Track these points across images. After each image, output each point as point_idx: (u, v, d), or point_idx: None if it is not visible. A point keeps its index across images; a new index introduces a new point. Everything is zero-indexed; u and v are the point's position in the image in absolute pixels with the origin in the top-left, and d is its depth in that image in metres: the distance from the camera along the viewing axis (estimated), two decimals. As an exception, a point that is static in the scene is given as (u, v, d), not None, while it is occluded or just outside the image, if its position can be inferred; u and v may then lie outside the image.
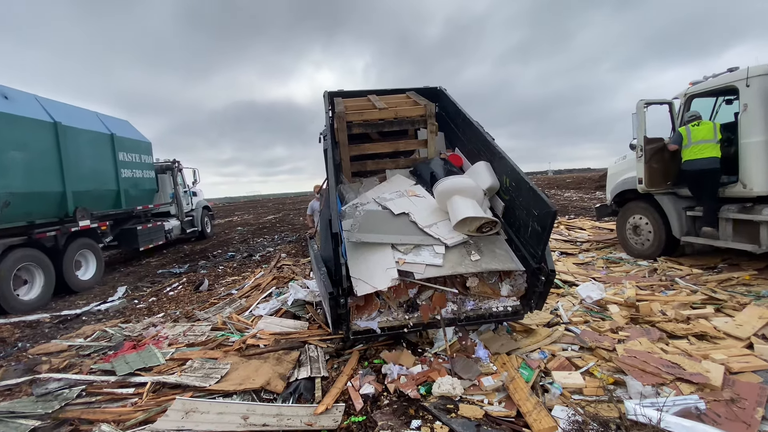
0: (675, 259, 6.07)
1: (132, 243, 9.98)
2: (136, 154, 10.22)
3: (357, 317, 3.36)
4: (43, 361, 4.10)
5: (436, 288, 3.42)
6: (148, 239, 10.37)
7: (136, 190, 10.15)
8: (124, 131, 10.01)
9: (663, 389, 2.68)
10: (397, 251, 3.37)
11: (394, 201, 3.78)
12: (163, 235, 11.17)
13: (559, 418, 2.48)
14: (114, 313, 6.18)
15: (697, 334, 3.50)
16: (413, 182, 4.10)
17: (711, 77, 5.61)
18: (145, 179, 10.53)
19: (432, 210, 3.67)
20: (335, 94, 5.18)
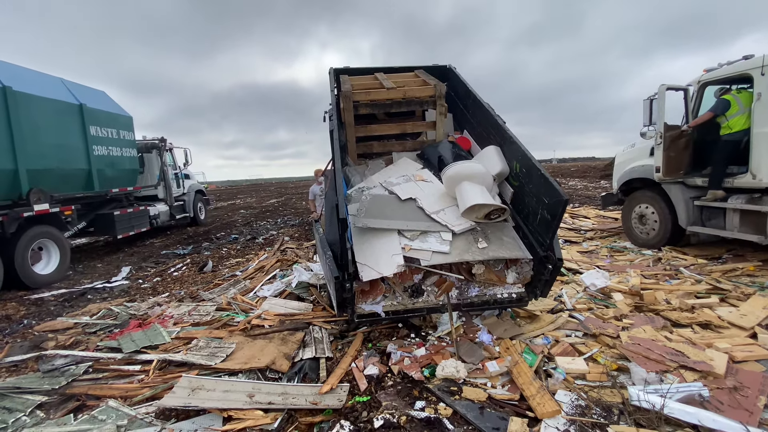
0: (680, 249, 6.05)
1: (109, 230, 8.89)
2: (113, 129, 8.93)
3: (362, 301, 3.37)
4: (50, 338, 4.14)
5: (442, 274, 3.41)
6: (128, 226, 9.30)
7: (113, 170, 8.97)
8: (98, 102, 8.70)
9: (666, 376, 2.69)
10: (404, 237, 3.35)
11: (400, 186, 3.73)
12: (147, 221, 10.12)
13: (562, 402, 2.50)
14: (119, 293, 6.22)
15: (702, 323, 3.51)
16: (420, 166, 4.04)
17: (726, 65, 5.49)
18: (124, 158, 9.34)
19: (439, 196, 3.62)
20: (341, 72, 5.02)
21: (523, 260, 3.40)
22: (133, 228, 9.55)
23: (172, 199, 11.54)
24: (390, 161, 4.34)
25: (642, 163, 6.66)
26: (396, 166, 4.07)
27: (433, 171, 3.87)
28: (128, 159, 9.58)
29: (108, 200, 9.20)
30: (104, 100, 9.18)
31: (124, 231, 9.18)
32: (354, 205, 3.65)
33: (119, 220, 8.94)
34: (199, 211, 13.41)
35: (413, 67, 5.06)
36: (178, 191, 12.14)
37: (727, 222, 5.36)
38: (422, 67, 5.06)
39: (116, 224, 8.83)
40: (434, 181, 3.74)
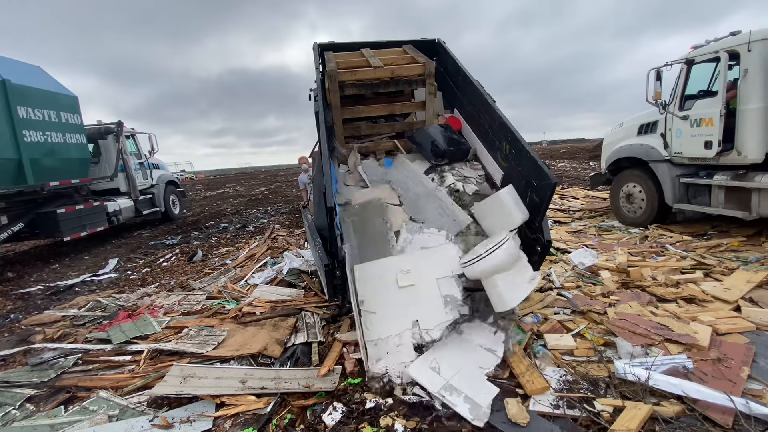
0: (666, 226, 6.14)
1: (52, 231, 7.59)
2: (51, 111, 7.58)
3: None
4: (37, 331, 4.08)
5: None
6: (79, 225, 7.99)
7: (53, 160, 7.62)
8: (29, 79, 7.35)
9: (651, 350, 2.74)
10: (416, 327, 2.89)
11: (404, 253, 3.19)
12: (104, 219, 8.86)
13: (550, 378, 2.55)
14: (107, 284, 6.15)
15: (686, 298, 3.58)
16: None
17: (713, 41, 5.48)
18: (68, 145, 7.96)
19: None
20: (326, 47, 4.81)
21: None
22: (86, 228, 8.20)
23: (137, 192, 10.19)
24: (378, 146, 4.24)
25: (630, 143, 6.70)
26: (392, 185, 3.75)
27: (426, 155, 3.78)
28: (74, 146, 8.16)
29: (53, 196, 7.93)
30: (38, 76, 7.73)
31: (73, 232, 7.85)
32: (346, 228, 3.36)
33: (65, 219, 7.63)
34: (171, 205, 11.93)
35: (401, 42, 4.88)
36: (144, 183, 10.80)
37: (712, 199, 5.43)
38: (410, 41, 4.87)
39: (61, 224, 7.51)
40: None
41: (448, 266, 3.08)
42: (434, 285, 3.00)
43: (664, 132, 5.99)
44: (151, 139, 11.30)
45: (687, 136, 5.60)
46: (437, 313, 2.89)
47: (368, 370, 2.64)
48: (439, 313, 2.89)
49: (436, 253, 3.16)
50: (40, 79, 7.69)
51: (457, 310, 2.93)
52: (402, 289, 2.97)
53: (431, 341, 2.76)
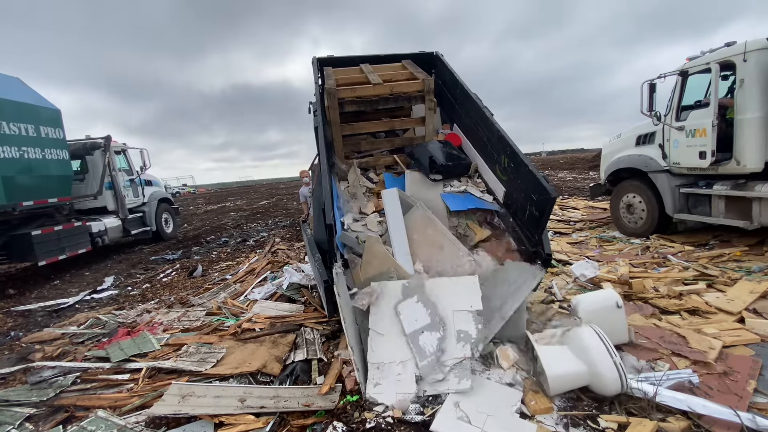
0: (667, 236, 6.12)
1: (26, 254, 7.02)
2: (29, 125, 7.09)
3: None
4: (37, 349, 4.06)
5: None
6: (57, 248, 7.38)
7: (30, 178, 7.09)
8: (6, 90, 6.90)
9: (657, 363, 2.71)
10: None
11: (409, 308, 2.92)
12: (87, 241, 8.25)
13: (554, 396, 2.50)
14: (107, 301, 6.13)
15: (689, 309, 3.55)
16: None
17: (708, 52, 5.54)
18: (48, 162, 7.44)
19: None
20: (325, 62, 4.83)
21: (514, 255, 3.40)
22: (64, 250, 7.56)
23: (125, 210, 9.62)
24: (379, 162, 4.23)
25: (628, 153, 6.72)
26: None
27: (424, 171, 3.78)
28: (54, 163, 7.63)
29: (31, 216, 7.40)
30: (16, 88, 7.29)
31: (50, 255, 7.24)
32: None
33: (41, 242, 7.05)
34: (164, 224, 11.34)
35: (399, 56, 4.91)
36: (135, 201, 10.26)
37: (713, 209, 5.42)
38: (409, 55, 4.90)
39: (36, 247, 6.94)
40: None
41: (467, 300, 2.90)
42: (449, 317, 2.84)
43: (662, 142, 6.02)
44: (143, 154, 10.72)
45: (683, 147, 5.63)
46: (448, 348, 2.72)
47: (365, 393, 2.59)
48: (451, 348, 2.71)
49: (456, 284, 3.00)
50: (17, 91, 7.22)
51: (470, 349, 2.69)
52: None
53: (435, 380, 2.57)
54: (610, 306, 2.98)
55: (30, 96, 7.48)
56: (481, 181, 3.91)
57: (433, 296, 2.95)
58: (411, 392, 2.52)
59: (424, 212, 3.44)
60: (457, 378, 2.58)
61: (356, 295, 2.95)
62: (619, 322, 2.96)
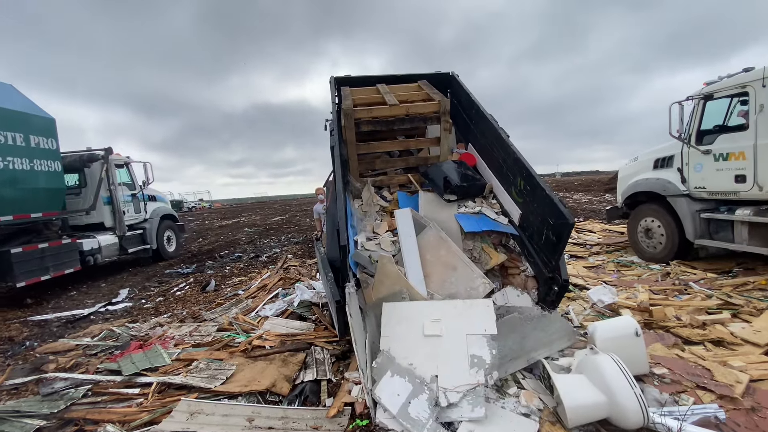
0: (688, 262, 5.94)
1: (4, 274, 6.42)
2: (18, 134, 6.64)
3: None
4: (50, 360, 4.10)
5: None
6: (39, 268, 6.75)
7: (14, 190, 6.59)
8: None
9: (680, 397, 2.59)
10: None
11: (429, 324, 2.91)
12: (76, 259, 7.64)
13: (573, 429, 2.40)
14: (121, 313, 6.19)
15: (714, 340, 3.40)
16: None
17: (726, 77, 5.49)
18: (37, 174, 6.94)
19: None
20: (342, 81, 4.93)
21: (528, 280, 3.34)
22: (49, 270, 6.93)
23: (123, 227, 9.04)
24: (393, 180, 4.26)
25: (646, 177, 6.62)
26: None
27: (438, 191, 3.77)
28: (44, 175, 7.12)
29: (16, 232, 6.92)
30: (6, 94, 6.88)
31: (30, 276, 6.66)
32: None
33: (21, 261, 6.47)
34: (165, 242, 10.69)
35: (416, 76, 4.98)
36: (136, 217, 9.75)
37: (735, 235, 5.27)
38: (425, 75, 4.97)
39: (15, 267, 6.36)
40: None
41: (481, 324, 2.84)
42: (463, 341, 2.77)
43: (681, 166, 5.92)
44: (147, 168, 10.19)
45: (711, 171, 5.51)
46: (461, 373, 2.63)
47: (374, 417, 2.53)
48: (463, 373, 2.62)
49: (471, 307, 2.95)
50: (6, 98, 6.78)
51: (484, 375, 2.61)
52: (427, 338, 2.80)
53: (447, 405, 2.48)
54: (628, 334, 2.88)
55: (20, 103, 7.00)
56: (496, 203, 3.89)
57: (446, 319, 2.90)
58: (423, 418, 2.45)
59: (438, 233, 3.42)
60: (471, 405, 2.50)
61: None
62: (638, 351, 2.85)
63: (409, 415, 2.48)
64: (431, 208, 3.73)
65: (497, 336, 2.80)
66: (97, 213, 8.70)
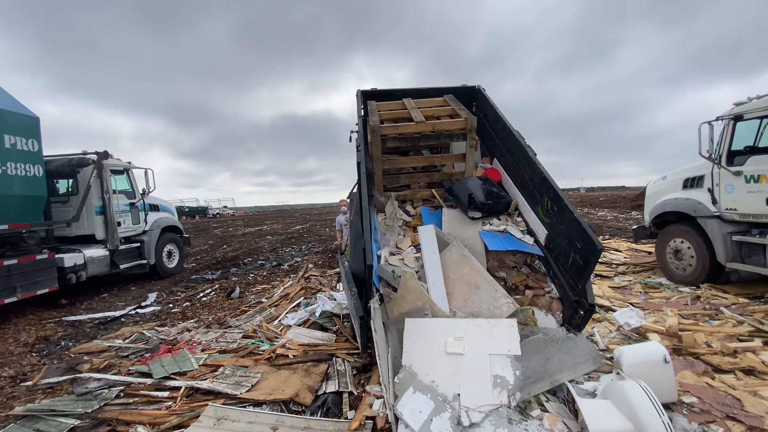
0: (719, 286, 5.74)
1: None
2: None
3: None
4: (85, 360, 4.30)
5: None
6: (5, 288, 5.92)
7: None
8: None
9: (710, 427, 2.52)
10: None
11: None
12: (53, 278, 6.68)
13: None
14: (150, 316, 6.42)
15: (745, 369, 3.29)
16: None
17: (755, 98, 5.37)
18: (11, 178, 6.12)
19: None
20: (368, 95, 5.02)
21: (553, 303, 3.34)
22: (16, 291, 6.03)
23: (116, 240, 8.00)
24: (417, 195, 4.33)
25: (675, 196, 6.47)
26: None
27: (462, 208, 3.81)
28: (20, 180, 6.27)
29: None
30: None
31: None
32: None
33: None
34: (165, 257, 9.64)
35: (442, 89, 5.03)
36: (133, 229, 8.79)
37: (767, 259, 5.08)
38: (451, 89, 5.01)
39: None
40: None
41: (504, 344, 2.84)
42: (485, 360, 2.77)
43: (712, 187, 5.78)
44: (148, 175, 9.23)
45: (742, 192, 5.36)
46: (483, 393, 2.63)
47: None
48: (486, 393, 2.62)
49: (494, 327, 2.95)
50: None
51: (507, 396, 2.60)
52: (449, 356, 2.82)
53: (469, 424, 2.49)
54: (656, 360, 2.83)
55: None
56: (521, 221, 3.89)
57: (469, 337, 2.92)
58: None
59: (461, 250, 3.45)
60: (493, 426, 2.50)
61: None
62: (667, 378, 2.79)
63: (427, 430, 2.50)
64: (455, 224, 3.77)
65: (521, 357, 2.80)
66: (88, 224, 7.91)
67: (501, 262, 3.61)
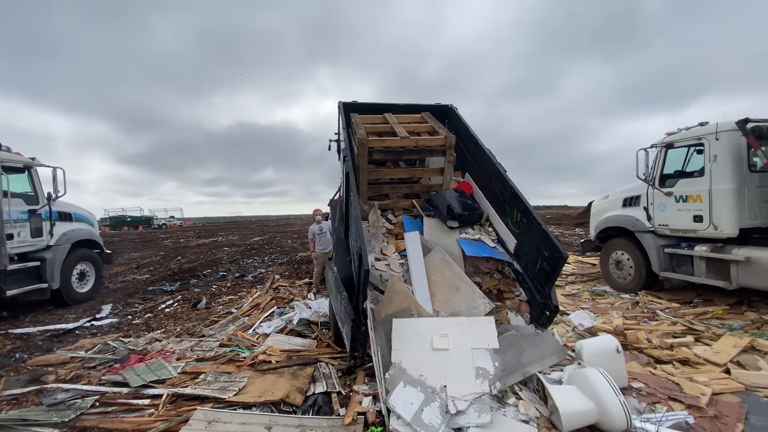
0: (654, 293, 6.50)
1: None
2: None
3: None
4: (50, 371, 4.07)
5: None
6: None
7: None
8: None
9: (656, 406, 2.96)
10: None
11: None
12: None
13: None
14: (108, 328, 6.10)
15: (681, 360, 3.84)
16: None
17: (684, 129, 6.25)
18: None
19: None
20: (349, 107, 5.28)
21: (522, 305, 3.72)
22: None
23: (2, 258, 6.16)
24: (398, 205, 4.61)
25: (616, 213, 7.27)
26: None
27: (442, 218, 4.14)
28: None
29: None
30: None
31: None
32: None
33: None
34: (76, 280, 7.75)
35: (419, 106, 5.41)
36: (32, 243, 6.93)
37: (695, 269, 5.87)
38: (427, 107, 5.41)
39: None
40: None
41: (484, 339, 3.13)
42: (468, 354, 3.04)
43: (647, 205, 6.60)
44: (57, 175, 7.29)
45: (673, 210, 6.17)
46: (467, 383, 2.90)
47: (389, 425, 2.75)
48: (470, 383, 2.90)
49: (474, 324, 3.25)
50: None
51: (488, 385, 2.89)
52: (435, 352, 3.07)
53: (456, 412, 2.74)
54: (610, 350, 3.27)
55: None
56: (492, 231, 4.28)
57: (453, 334, 3.20)
58: (436, 424, 2.70)
59: (443, 256, 3.76)
60: (477, 412, 2.78)
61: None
62: (619, 366, 3.24)
63: (422, 422, 2.72)
64: (435, 232, 4.08)
65: (498, 350, 3.12)
66: None
67: (476, 268, 3.95)
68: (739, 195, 5.43)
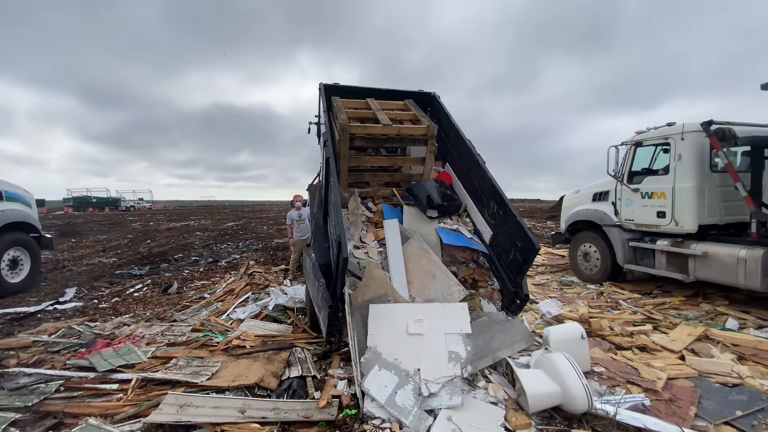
0: (618, 284, 6.83)
1: None
2: None
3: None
4: (11, 355, 3.90)
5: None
6: None
7: None
8: None
9: (615, 389, 3.14)
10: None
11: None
12: None
13: (532, 414, 2.85)
14: (72, 312, 5.88)
15: (640, 346, 4.08)
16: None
17: (653, 129, 6.52)
18: None
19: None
20: (331, 89, 5.13)
21: (494, 293, 3.84)
22: None
23: None
24: (378, 193, 4.62)
25: (586, 208, 7.54)
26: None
27: (422, 207, 4.17)
28: None
29: None
30: None
31: None
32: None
33: None
34: (7, 268, 6.84)
35: (402, 92, 5.35)
36: None
37: (656, 262, 6.19)
38: (410, 94, 5.34)
39: None
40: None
41: (457, 324, 3.23)
42: (442, 339, 3.13)
43: (615, 201, 6.87)
44: None
45: (638, 206, 6.45)
46: (440, 367, 2.97)
47: (363, 406, 2.80)
48: (442, 367, 2.97)
49: (448, 309, 3.34)
50: None
51: (460, 368, 2.98)
52: (410, 336, 3.14)
53: (428, 394, 2.82)
54: (576, 337, 3.43)
55: None
56: (469, 221, 4.36)
57: (427, 319, 3.27)
58: (408, 406, 2.77)
59: (420, 244, 3.81)
60: (449, 394, 2.87)
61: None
62: (583, 351, 3.41)
63: (396, 404, 2.79)
64: (414, 221, 4.12)
65: (470, 335, 3.21)
66: None
67: (452, 258, 4.03)
68: (700, 193, 5.73)
